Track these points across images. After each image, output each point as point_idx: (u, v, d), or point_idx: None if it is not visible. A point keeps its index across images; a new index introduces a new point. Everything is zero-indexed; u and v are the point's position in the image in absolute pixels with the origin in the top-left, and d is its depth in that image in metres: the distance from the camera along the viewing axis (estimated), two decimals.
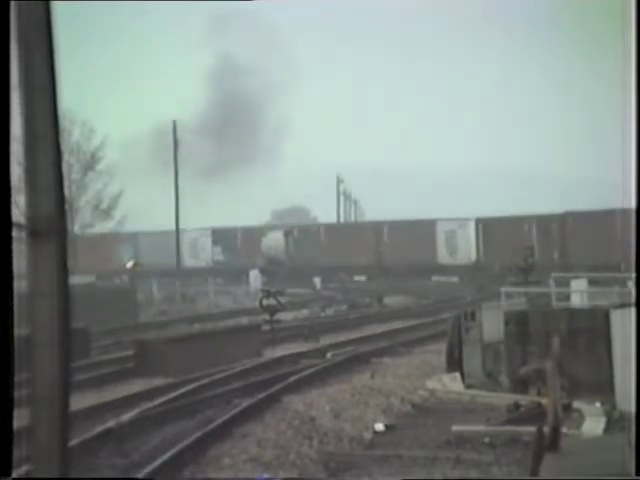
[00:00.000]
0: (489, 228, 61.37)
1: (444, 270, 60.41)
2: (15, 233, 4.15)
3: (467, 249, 61.60)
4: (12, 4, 4.14)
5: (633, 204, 7.64)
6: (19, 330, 4.16)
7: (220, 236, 71.78)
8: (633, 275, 25.03)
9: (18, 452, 4.34)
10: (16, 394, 4.16)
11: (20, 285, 4.16)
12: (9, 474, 4.17)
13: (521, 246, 44.85)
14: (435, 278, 61.07)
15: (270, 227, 71.90)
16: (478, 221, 62.14)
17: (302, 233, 69.89)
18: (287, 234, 69.62)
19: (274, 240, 69.55)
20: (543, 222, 59.80)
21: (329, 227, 71.97)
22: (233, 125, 73.34)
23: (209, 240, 73.01)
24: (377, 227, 66.09)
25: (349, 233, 67.12)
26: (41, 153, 4.12)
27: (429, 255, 61.85)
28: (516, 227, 59.49)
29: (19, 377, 4.23)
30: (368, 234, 64.99)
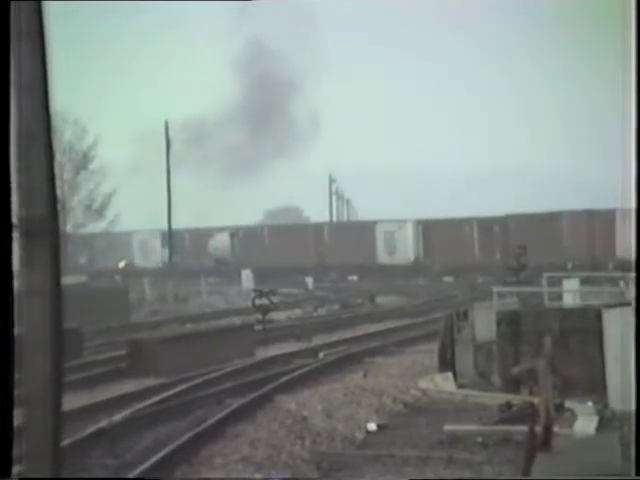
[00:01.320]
0: (428, 229, 63.58)
1: (383, 270, 61.71)
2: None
3: (405, 250, 63.71)
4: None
5: (633, 204, 7.66)
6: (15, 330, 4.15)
7: (168, 237, 72.07)
8: (629, 275, 25.10)
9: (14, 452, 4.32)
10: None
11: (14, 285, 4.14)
12: (9, 474, 4.16)
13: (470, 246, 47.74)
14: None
15: (217, 229, 72.38)
16: (417, 222, 64.46)
17: (247, 234, 71.20)
18: (232, 235, 71.25)
19: (220, 241, 71.26)
20: (484, 224, 61.96)
21: (272, 228, 73.55)
22: (262, 118, 74.69)
23: (158, 242, 73.30)
24: (318, 228, 67.86)
25: (291, 234, 67.92)
26: (33, 153, 4.10)
27: (369, 255, 63.51)
28: (457, 229, 62.00)
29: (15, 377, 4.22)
30: (309, 235, 66.43)
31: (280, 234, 68.94)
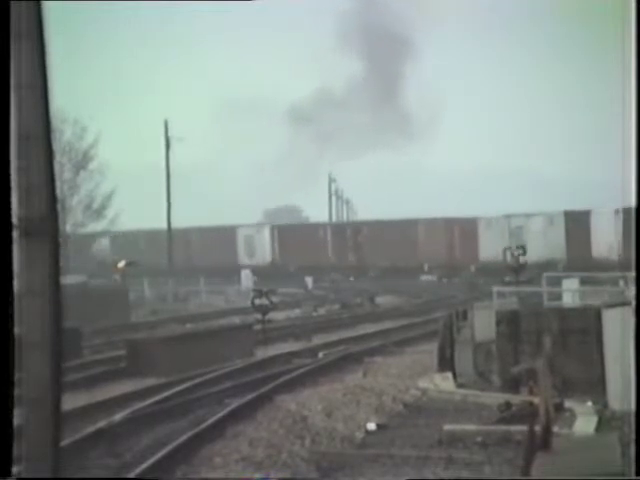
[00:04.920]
0: (284, 233, 69.71)
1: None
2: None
3: (263, 251, 69.40)
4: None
5: (633, 204, 7.67)
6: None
7: (168, 238, 72.59)
8: (627, 274, 25.08)
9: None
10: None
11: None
12: (9, 474, 4.16)
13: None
14: (424, 278, 62.18)
15: (100, 233, 72.82)
16: (273, 227, 71.16)
17: (125, 238, 72.69)
18: (112, 239, 73.25)
19: (101, 245, 73.76)
20: (338, 228, 69.32)
21: (149, 233, 74.92)
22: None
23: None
24: (187, 233, 70.54)
25: (165, 238, 68.73)
26: (33, 153, 4.10)
27: (231, 256, 67.92)
28: (311, 232, 68.77)
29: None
30: (180, 239, 68.13)
31: (156, 238, 70.19)
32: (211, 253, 66.81)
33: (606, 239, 56.21)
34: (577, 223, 58.50)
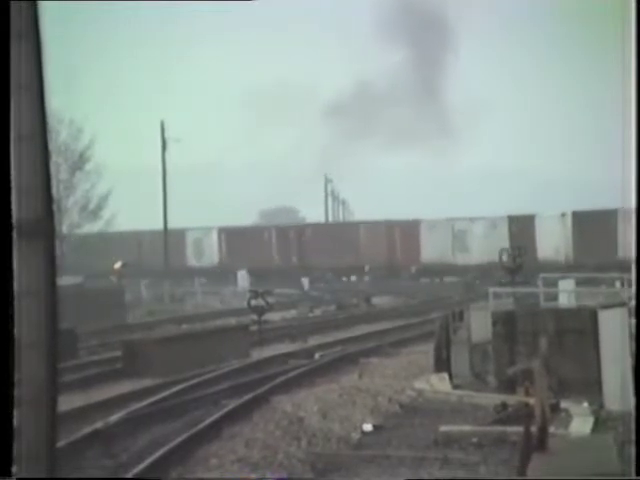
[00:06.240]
0: (231, 236, 71.69)
1: (192, 272, 66.73)
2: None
3: (211, 253, 71.50)
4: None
5: (633, 204, 7.69)
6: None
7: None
8: (623, 275, 25.11)
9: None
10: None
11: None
12: (9, 474, 4.15)
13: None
14: (422, 279, 63.09)
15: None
16: (220, 230, 72.45)
17: (82, 240, 72.86)
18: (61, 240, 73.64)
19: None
20: (282, 231, 70.86)
21: (103, 235, 74.91)
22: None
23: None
24: (139, 235, 71.48)
25: (115, 241, 69.12)
26: (29, 153, 4.10)
27: (180, 259, 69.23)
28: (257, 235, 70.84)
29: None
30: (131, 242, 69.19)
31: (107, 241, 70.01)
32: (161, 255, 67.00)
33: (552, 242, 58.55)
34: (521, 227, 60.85)
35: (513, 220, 62.38)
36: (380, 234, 66.79)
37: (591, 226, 58.48)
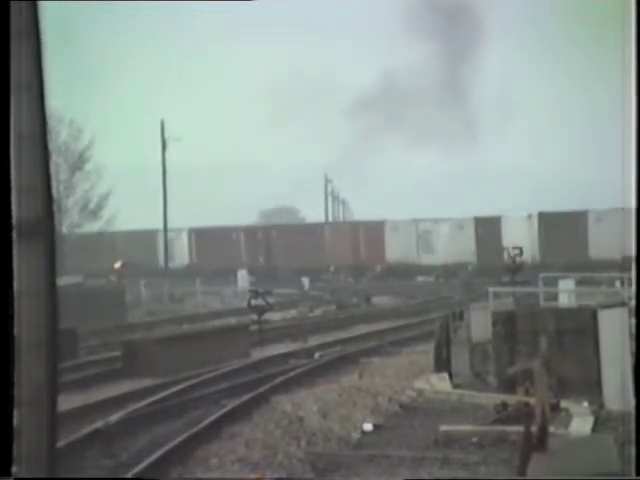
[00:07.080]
0: (200, 237, 73.21)
1: (165, 272, 66.16)
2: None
3: (182, 255, 73.09)
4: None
5: (633, 204, 7.68)
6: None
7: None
8: (623, 275, 25.12)
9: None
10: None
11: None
12: (9, 474, 4.15)
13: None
14: (421, 278, 63.33)
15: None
16: (191, 231, 74.05)
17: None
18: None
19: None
20: (250, 232, 72.91)
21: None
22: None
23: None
24: (117, 236, 70.88)
25: (95, 243, 69.11)
26: (28, 153, 4.10)
27: (152, 260, 69.72)
28: (226, 236, 71.94)
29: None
30: (106, 244, 68.49)
31: (83, 242, 70.32)
32: (134, 256, 66.79)
33: (518, 243, 58.59)
34: (487, 228, 62.02)
35: (479, 221, 63.33)
36: (345, 234, 68.54)
37: (559, 227, 58.95)
